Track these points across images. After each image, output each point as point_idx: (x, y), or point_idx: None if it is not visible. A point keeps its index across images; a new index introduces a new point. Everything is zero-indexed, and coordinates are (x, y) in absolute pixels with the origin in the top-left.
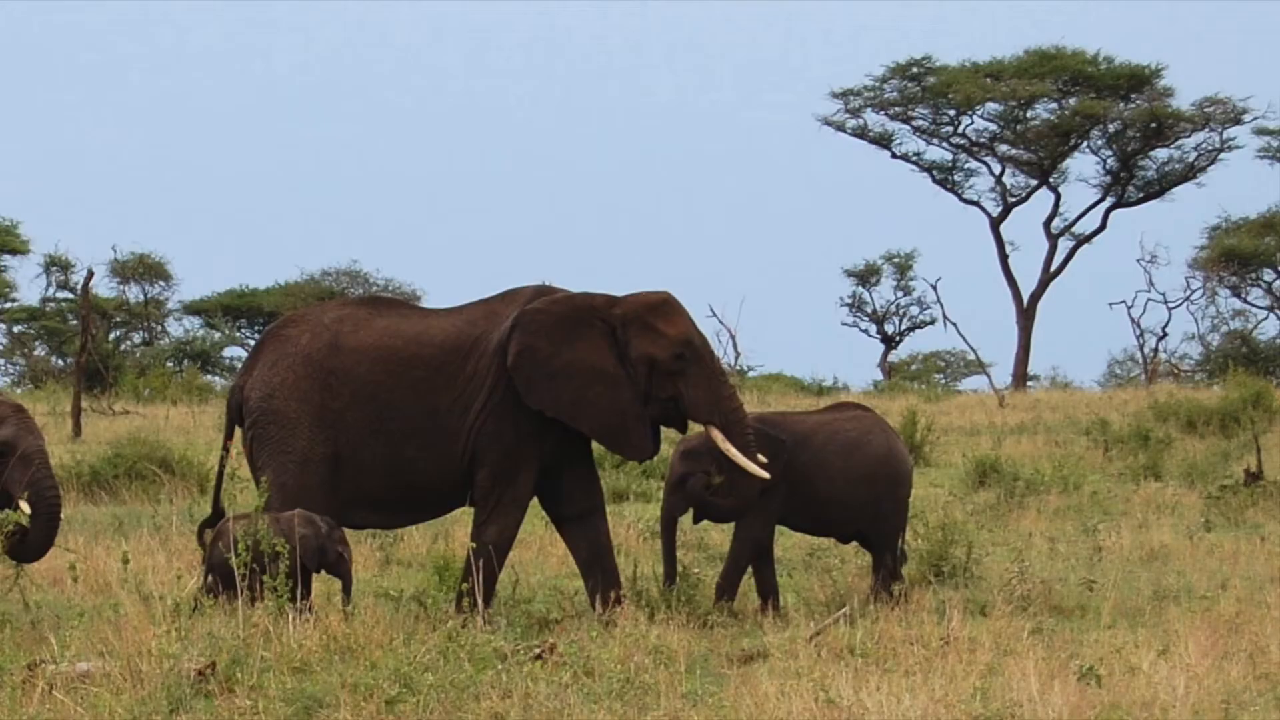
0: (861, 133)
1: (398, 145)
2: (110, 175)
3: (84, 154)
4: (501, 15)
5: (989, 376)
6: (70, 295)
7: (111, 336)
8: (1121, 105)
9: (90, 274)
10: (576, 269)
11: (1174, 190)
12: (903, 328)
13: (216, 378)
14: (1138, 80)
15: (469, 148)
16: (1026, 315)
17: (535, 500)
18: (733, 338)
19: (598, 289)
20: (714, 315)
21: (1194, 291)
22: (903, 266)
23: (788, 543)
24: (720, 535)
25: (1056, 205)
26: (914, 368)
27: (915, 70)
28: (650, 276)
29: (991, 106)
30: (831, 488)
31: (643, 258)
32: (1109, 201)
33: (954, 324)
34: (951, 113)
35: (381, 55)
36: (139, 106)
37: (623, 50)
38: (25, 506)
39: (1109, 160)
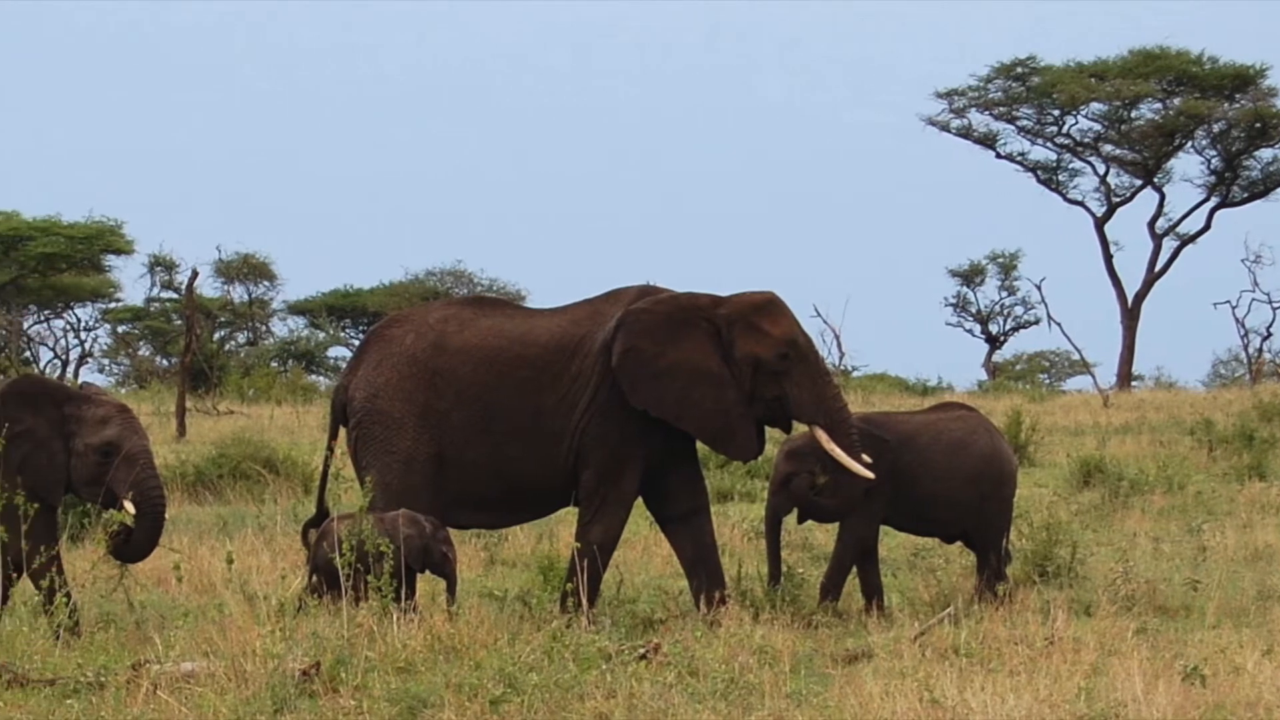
0: (966, 133)
1: (503, 145)
2: (215, 175)
3: (189, 154)
4: (608, 16)
5: (1093, 376)
6: (175, 295)
7: (216, 336)
8: (1226, 105)
9: (195, 274)
10: (681, 269)
11: (1278, 190)
12: (1007, 328)
13: (321, 378)
14: (1242, 80)
15: (575, 148)
16: (1131, 315)
17: (640, 500)
18: (837, 338)
19: (702, 289)
20: (818, 315)
21: None
22: (1007, 266)
23: (892, 543)
24: (825, 535)
25: (1161, 205)
26: (1018, 368)
27: (1020, 70)
28: (755, 276)
29: (1096, 106)
30: (936, 488)
31: (747, 257)
32: (1213, 201)
33: (1058, 324)
34: (1056, 113)
35: (488, 55)
36: (244, 106)
37: (728, 51)
38: (130, 507)
39: (1213, 160)
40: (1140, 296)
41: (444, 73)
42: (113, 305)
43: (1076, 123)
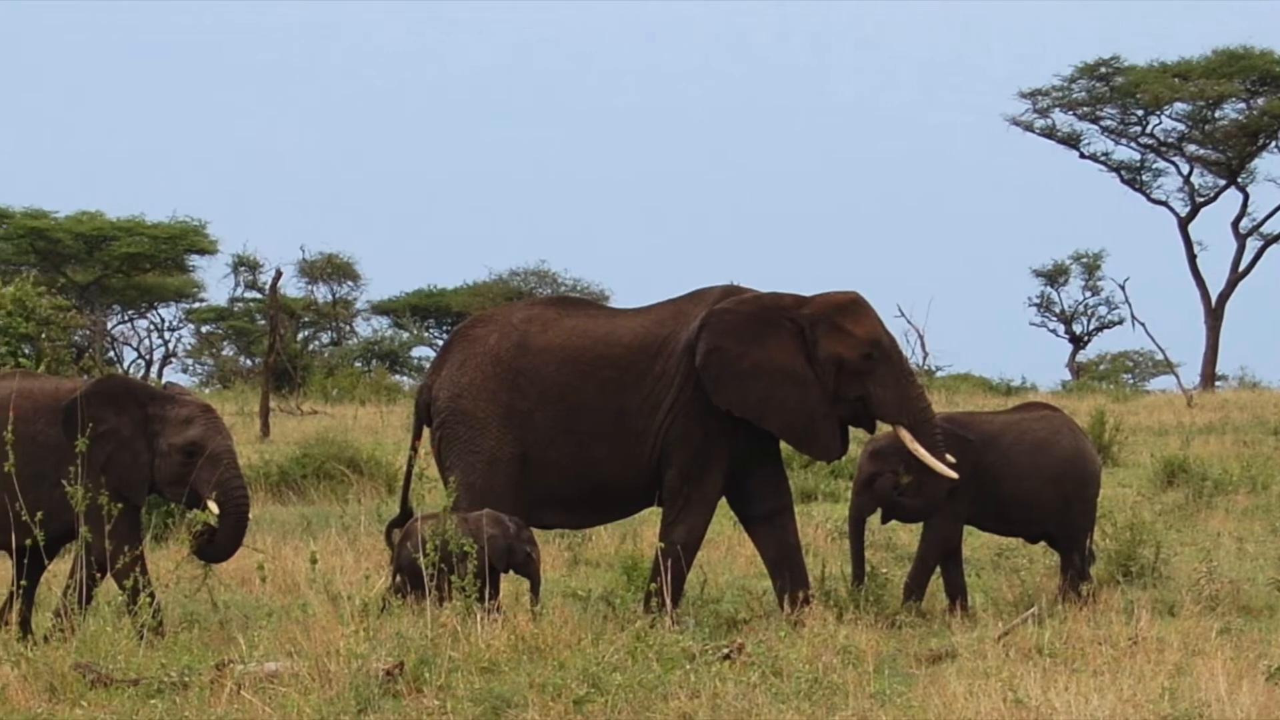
0: (1050, 133)
1: (585, 145)
2: (298, 175)
3: (272, 154)
4: (684, 15)
5: (1177, 376)
6: (258, 295)
7: (300, 336)
8: None
9: (278, 274)
10: (764, 269)
11: None
12: (1091, 328)
13: (404, 378)
14: None
15: (655, 148)
16: (1215, 315)
17: (723, 500)
18: (921, 338)
19: (786, 289)
20: (902, 315)
21: None
22: (1091, 266)
23: (976, 543)
24: (908, 535)
25: (1245, 205)
26: (1102, 368)
27: (1103, 70)
28: (838, 276)
29: (1179, 106)
30: (1019, 488)
31: (830, 258)
32: None
33: (1142, 324)
34: (1139, 113)
35: (566, 55)
36: (327, 106)
37: (807, 50)
38: (213, 506)
39: None
40: (1224, 296)
41: (527, 73)
42: (196, 305)
43: (1160, 123)
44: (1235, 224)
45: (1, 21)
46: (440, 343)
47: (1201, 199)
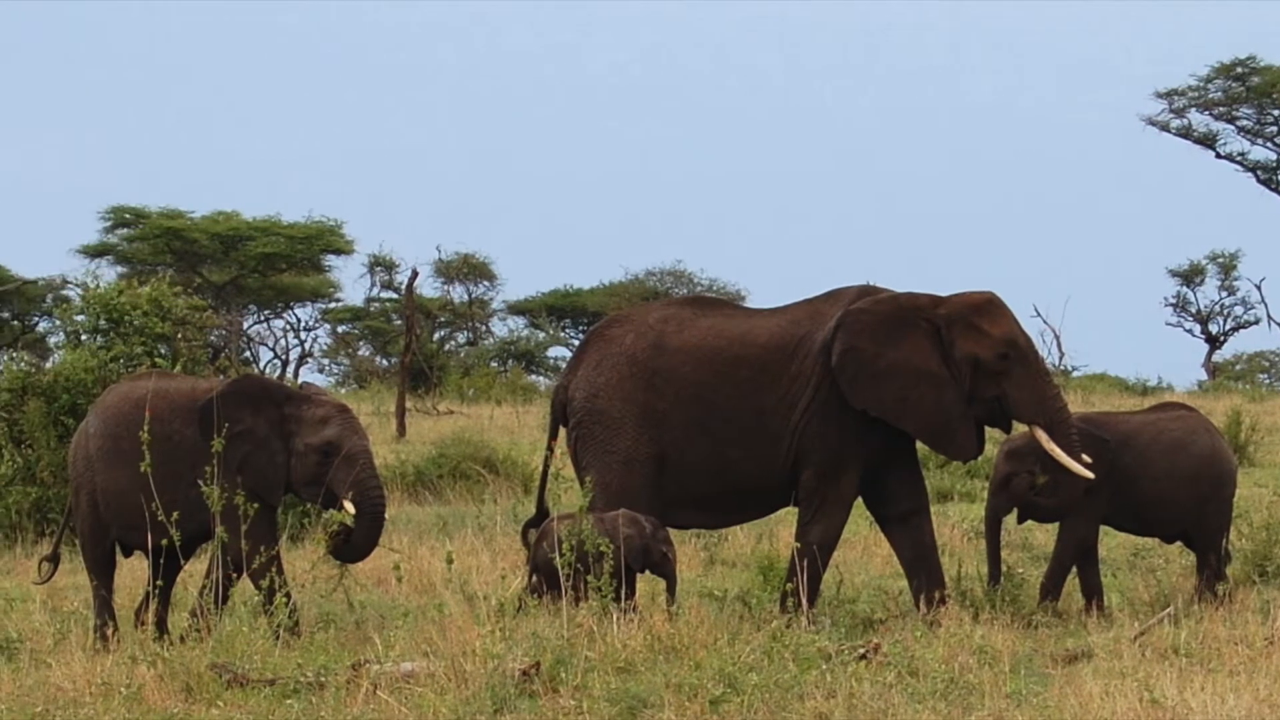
0: (1186, 133)
1: (721, 145)
2: (435, 175)
3: (408, 154)
4: (819, 15)
5: None
6: (394, 295)
7: (436, 336)
8: None
9: (415, 274)
10: (900, 269)
11: None
12: (1227, 328)
13: (541, 378)
14: None
15: (792, 147)
16: None
17: (859, 500)
18: (1057, 338)
19: (922, 289)
20: (1038, 315)
21: None
22: (1227, 266)
23: (1112, 543)
24: (1045, 535)
25: None
26: (1238, 368)
27: (1240, 70)
28: (974, 276)
29: None
30: (1156, 488)
31: (966, 258)
32: None
33: (1279, 324)
34: (1276, 113)
35: (702, 55)
36: (463, 106)
37: (943, 50)
38: (350, 507)
39: None
40: None
41: (661, 72)
42: (332, 305)
43: None
44: None
45: (138, 23)
46: (576, 343)
47: None
